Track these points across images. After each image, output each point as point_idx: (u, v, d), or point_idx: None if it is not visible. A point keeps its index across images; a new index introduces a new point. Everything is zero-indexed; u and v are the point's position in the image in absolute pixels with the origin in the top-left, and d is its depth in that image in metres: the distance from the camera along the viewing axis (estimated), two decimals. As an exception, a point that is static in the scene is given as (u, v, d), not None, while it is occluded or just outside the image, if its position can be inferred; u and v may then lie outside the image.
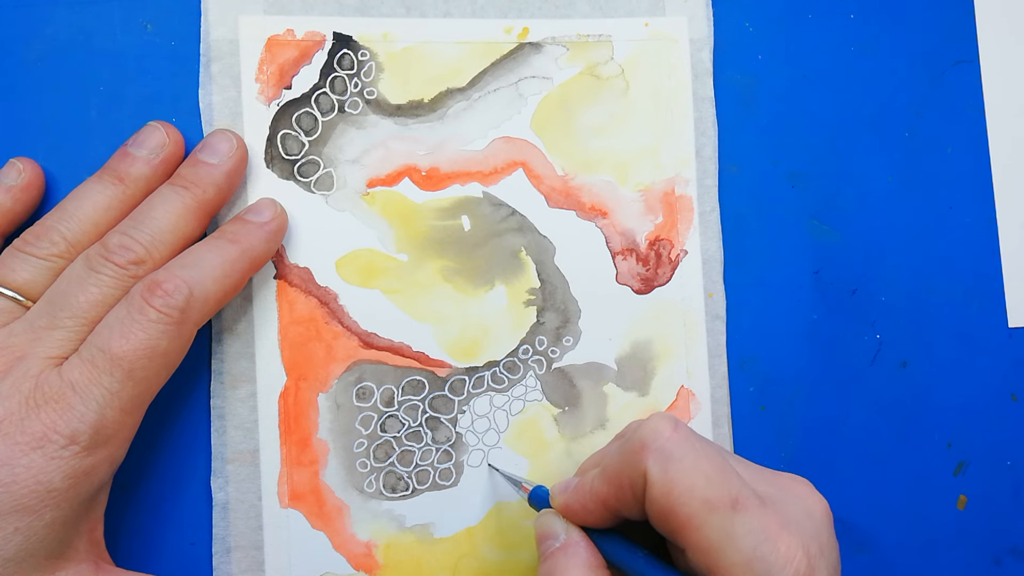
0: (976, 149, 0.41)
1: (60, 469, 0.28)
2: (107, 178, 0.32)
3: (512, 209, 0.37)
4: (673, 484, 0.27)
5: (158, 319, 0.29)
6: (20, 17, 0.34)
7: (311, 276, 0.35)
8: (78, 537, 0.30)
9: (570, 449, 0.37)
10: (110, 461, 0.30)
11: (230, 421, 0.34)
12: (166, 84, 0.35)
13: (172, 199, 0.32)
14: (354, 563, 0.35)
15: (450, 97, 0.37)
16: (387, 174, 0.36)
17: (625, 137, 0.38)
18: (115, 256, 0.30)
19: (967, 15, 0.41)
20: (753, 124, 0.39)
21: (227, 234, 0.32)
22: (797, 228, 0.39)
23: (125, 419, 0.29)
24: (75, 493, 0.28)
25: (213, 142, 0.33)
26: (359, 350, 0.35)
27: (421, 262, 0.36)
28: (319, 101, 0.36)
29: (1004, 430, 0.41)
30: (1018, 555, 0.40)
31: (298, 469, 0.35)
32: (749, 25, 0.39)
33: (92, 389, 0.28)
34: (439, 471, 0.36)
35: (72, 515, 0.29)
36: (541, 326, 0.37)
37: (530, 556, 0.36)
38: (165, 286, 0.29)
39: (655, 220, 0.38)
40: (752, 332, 0.39)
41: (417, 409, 0.36)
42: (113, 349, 0.29)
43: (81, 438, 0.28)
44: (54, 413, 0.28)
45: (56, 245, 0.31)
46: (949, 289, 0.40)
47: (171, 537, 0.34)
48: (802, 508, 0.29)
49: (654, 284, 0.38)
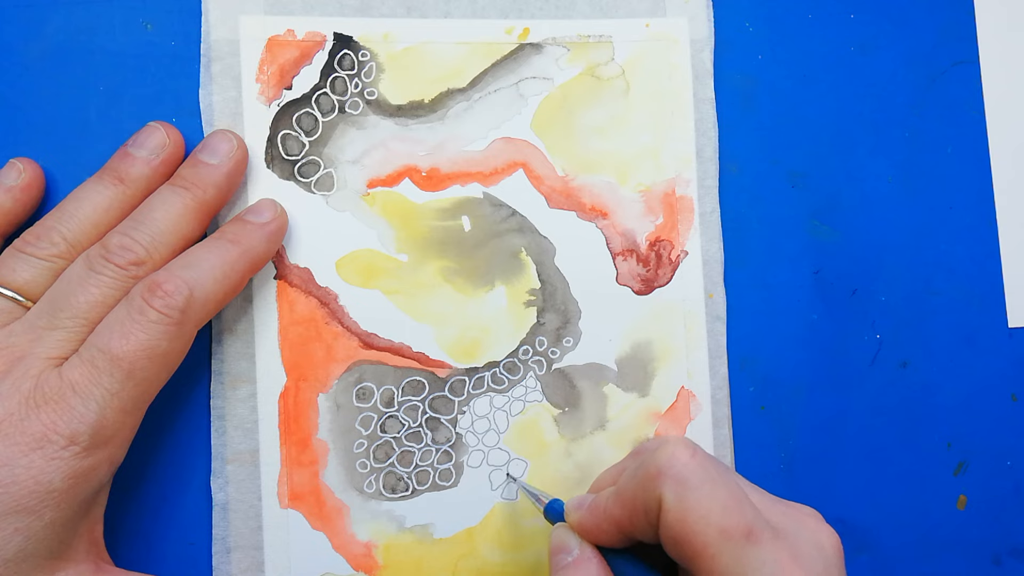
0: (976, 149, 0.41)
1: (60, 470, 0.28)
2: (107, 179, 0.32)
3: (512, 210, 0.37)
4: (688, 512, 0.27)
5: (158, 319, 0.29)
6: (20, 17, 0.34)
7: (311, 276, 0.35)
8: (78, 537, 0.30)
9: (570, 449, 0.37)
10: (110, 461, 0.30)
11: (230, 421, 0.34)
12: (166, 84, 0.35)
13: (172, 200, 0.32)
14: (354, 563, 0.35)
15: (450, 98, 0.37)
16: (387, 174, 0.36)
17: (626, 138, 0.38)
18: (115, 257, 0.30)
19: (967, 15, 0.41)
20: (753, 124, 0.39)
21: (227, 235, 0.32)
22: (797, 228, 0.39)
23: (125, 419, 0.29)
24: (75, 493, 0.28)
25: (213, 143, 0.33)
26: (359, 350, 0.35)
27: (421, 263, 0.36)
28: (319, 101, 0.36)
29: (1004, 430, 0.40)
30: (1018, 555, 0.40)
31: (298, 469, 0.35)
32: (749, 25, 0.39)
33: (92, 389, 0.28)
34: (439, 472, 0.36)
35: (72, 515, 0.29)
36: (541, 327, 0.37)
37: (529, 557, 0.36)
38: (165, 287, 0.29)
39: (655, 221, 0.38)
40: (752, 332, 0.39)
41: (417, 410, 0.36)
42: (113, 349, 0.29)
43: (81, 438, 0.28)
44: (54, 413, 0.28)
45: (56, 245, 0.31)
46: (949, 289, 0.40)
47: (171, 537, 0.34)
48: (813, 542, 0.29)
49: (654, 285, 0.38)
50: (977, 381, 0.40)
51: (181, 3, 0.35)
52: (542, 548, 0.36)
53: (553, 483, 0.36)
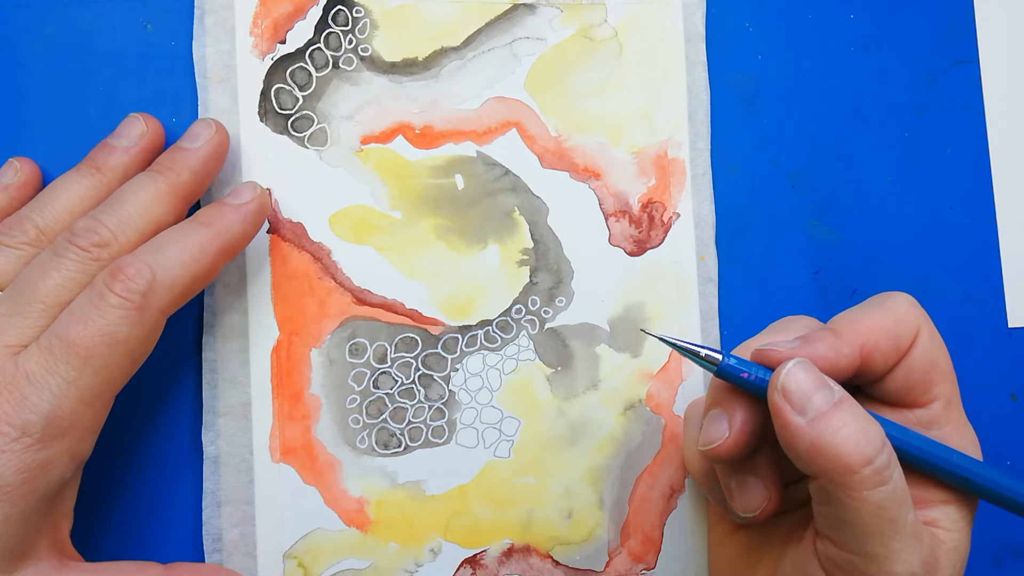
0: (976, 149, 0.41)
1: (11, 463, 0.27)
2: (85, 168, 0.32)
3: (506, 169, 0.37)
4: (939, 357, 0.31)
5: (118, 304, 0.28)
6: (20, 17, 0.34)
7: (304, 231, 0.35)
8: (39, 534, 0.28)
9: (562, 408, 0.37)
10: (69, 455, 0.28)
11: (222, 375, 0.34)
12: (166, 84, 0.35)
13: (144, 183, 0.31)
14: (346, 519, 0.35)
15: (444, 56, 0.37)
16: (381, 131, 0.36)
17: (618, 99, 0.38)
18: (79, 239, 0.29)
19: (967, 15, 0.41)
20: (753, 124, 0.39)
21: (200, 217, 0.32)
22: (797, 228, 0.39)
23: (84, 410, 0.28)
24: (30, 488, 0.27)
25: (194, 129, 0.33)
26: (352, 306, 0.35)
27: (414, 220, 0.36)
28: (313, 56, 0.35)
29: (1004, 430, 0.40)
30: (1018, 555, 0.40)
31: (290, 424, 0.34)
32: (749, 25, 0.39)
33: (47, 378, 0.27)
34: (432, 428, 0.36)
35: (30, 512, 0.27)
36: (534, 286, 0.37)
37: (520, 514, 0.36)
38: (127, 271, 0.28)
39: (648, 182, 0.38)
40: (752, 332, 0.38)
41: (410, 366, 0.36)
42: (70, 336, 0.28)
43: (33, 429, 0.27)
44: (6, 403, 0.27)
45: (27, 233, 0.30)
46: (949, 289, 0.40)
47: (167, 534, 0.34)
48: None
49: (646, 246, 0.38)
50: (977, 381, 0.40)
51: (181, 3, 0.35)
52: (533, 505, 0.36)
53: (546, 442, 0.36)
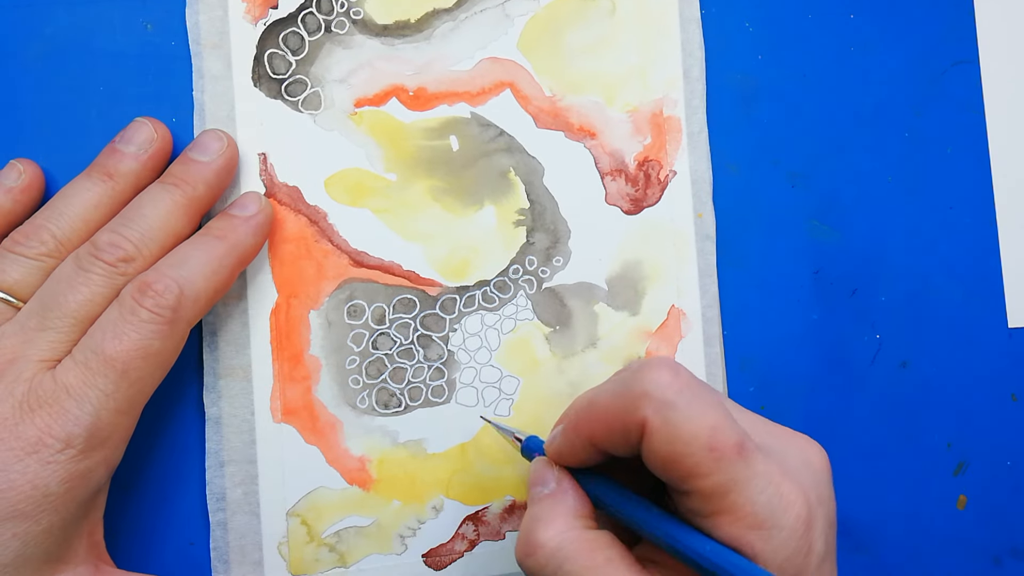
0: (976, 149, 0.41)
1: (56, 473, 0.28)
2: (96, 175, 0.32)
3: (500, 130, 0.37)
4: (676, 434, 0.27)
5: (150, 319, 0.29)
6: (20, 17, 0.34)
7: (300, 194, 0.35)
8: (77, 540, 0.30)
9: (561, 367, 0.37)
10: (106, 463, 0.30)
11: (222, 337, 0.34)
12: (166, 84, 0.35)
13: (162, 196, 0.32)
14: (348, 477, 0.35)
15: (436, 17, 0.37)
16: (374, 94, 0.36)
17: (612, 58, 0.38)
18: (104, 254, 0.30)
19: (967, 15, 0.41)
20: (753, 124, 0.39)
21: (214, 231, 0.32)
22: (797, 228, 0.39)
23: (120, 420, 0.30)
24: (72, 497, 0.29)
25: (204, 140, 0.33)
26: (349, 268, 0.36)
27: (410, 182, 0.36)
28: (306, 21, 0.36)
29: (1004, 430, 0.40)
30: (1018, 555, 0.40)
31: (291, 385, 0.35)
32: (749, 25, 0.39)
33: (87, 391, 0.29)
34: (431, 388, 0.36)
35: (70, 519, 0.29)
36: (531, 246, 0.37)
37: (521, 470, 0.36)
38: (155, 286, 0.30)
39: (643, 141, 0.38)
40: (752, 332, 0.39)
41: (408, 327, 0.36)
42: (106, 351, 0.29)
43: (76, 441, 0.28)
44: (48, 417, 0.28)
45: (45, 244, 0.31)
46: (949, 289, 0.40)
47: (171, 537, 0.35)
48: (802, 458, 0.30)
49: (643, 205, 0.38)
50: (977, 381, 0.40)
51: (181, 3, 0.35)
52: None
53: (546, 400, 0.37)
